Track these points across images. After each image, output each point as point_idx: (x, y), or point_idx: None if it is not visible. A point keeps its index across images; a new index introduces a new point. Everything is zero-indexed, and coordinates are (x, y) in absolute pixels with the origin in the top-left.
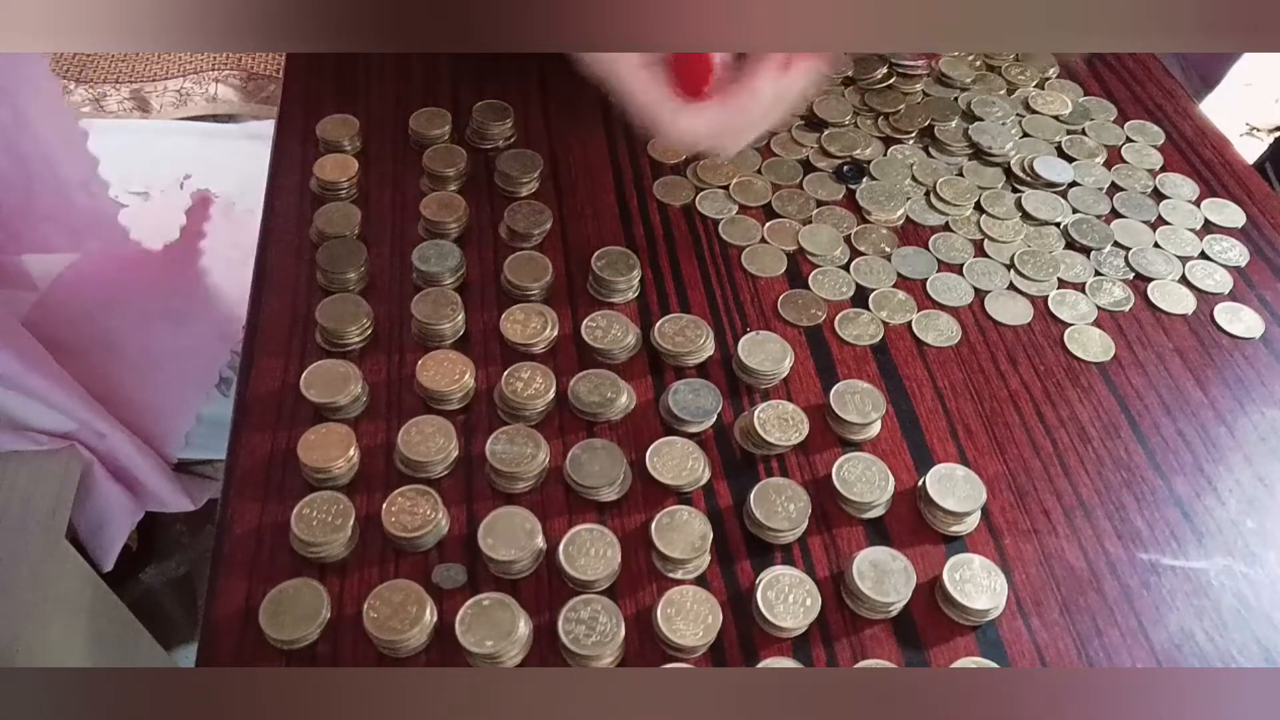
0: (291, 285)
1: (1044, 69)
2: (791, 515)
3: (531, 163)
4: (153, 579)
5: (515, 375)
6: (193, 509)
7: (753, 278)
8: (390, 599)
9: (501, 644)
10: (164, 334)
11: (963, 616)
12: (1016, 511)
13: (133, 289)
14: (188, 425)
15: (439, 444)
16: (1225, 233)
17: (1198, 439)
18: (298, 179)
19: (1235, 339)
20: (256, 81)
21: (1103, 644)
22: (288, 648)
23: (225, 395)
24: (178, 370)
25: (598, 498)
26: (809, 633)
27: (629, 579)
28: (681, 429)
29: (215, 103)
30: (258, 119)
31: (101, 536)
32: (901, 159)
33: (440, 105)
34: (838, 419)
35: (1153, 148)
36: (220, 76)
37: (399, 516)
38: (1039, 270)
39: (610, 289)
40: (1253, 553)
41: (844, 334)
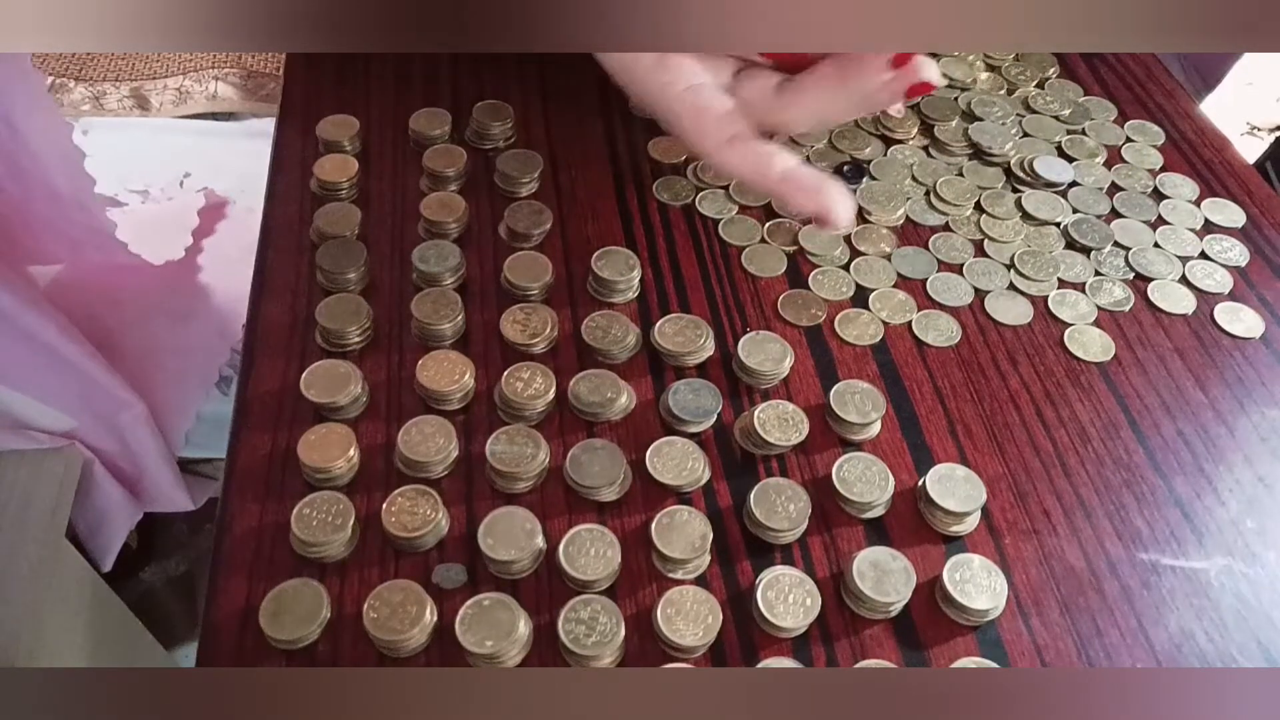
0: (291, 285)
1: (1044, 69)
2: (791, 515)
3: (531, 163)
4: (153, 578)
5: (515, 375)
6: (193, 509)
7: (753, 278)
8: (390, 599)
9: (501, 644)
10: (164, 332)
11: (963, 616)
12: (1016, 511)
13: (133, 288)
14: (187, 424)
15: (439, 444)
16: (1225, 233)
17: (1198, 439)
18: (298, 179)
19: (1235, 339)
20: (256, 79)
21: (1103, 644)
22: (288, 648)
23: (225, 395)
24: (178, 369)
25: (598, 498)
26: (809, 633)
27: (629, 579)
28: (681, 429)
29: (215, 101)
30: (257, 117)
31: (101, 536)
32: (901, 159)
33: (440, 105)
34: (838, 419)
35: (1153, 148)
36: (220, 75)
37: (399, 516)
38: (1039, 270)
39: (610, 289)
40: (1253, 553)
41: (844, 334)
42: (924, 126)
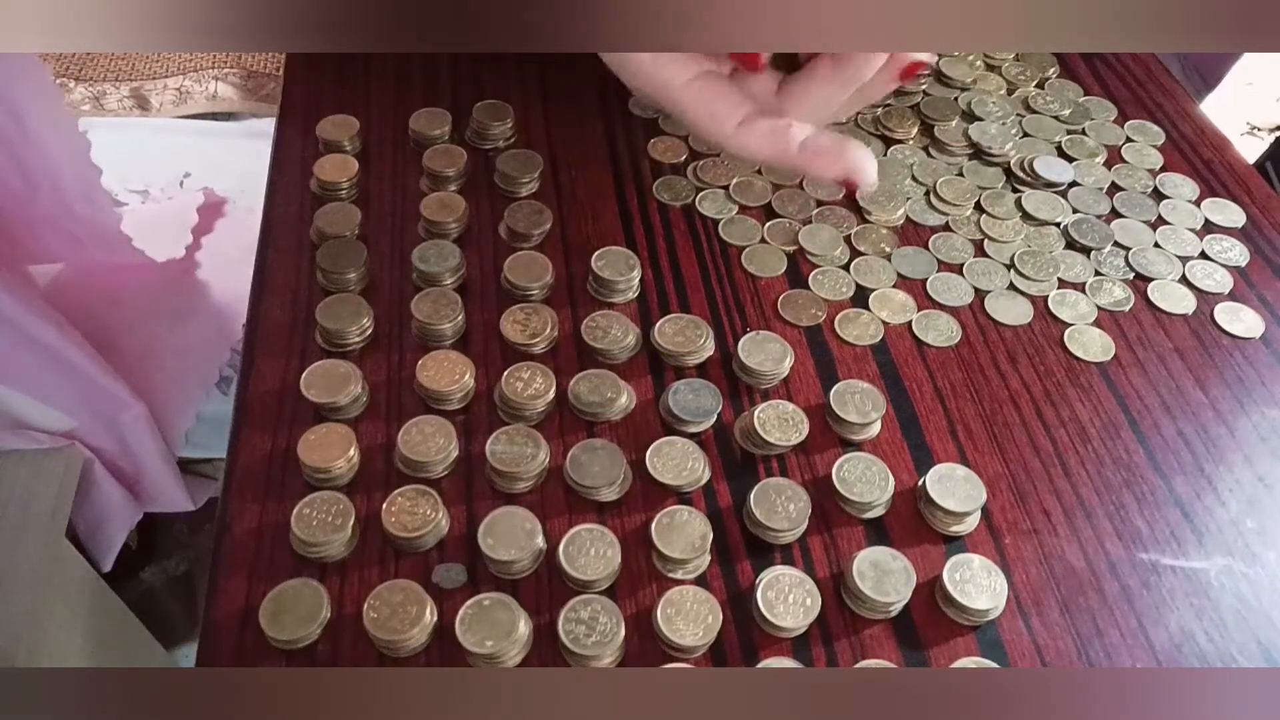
0: (291, 285)
1: (1044, 69)
2: (791, 515)
3: (531, 163)
4: (153, 578)
5: (515, 375)
6: (193, 509)
7: (753, 278)
8: (390, 599)
9: (501, 644)
10: (164, 332)
11: (963, 616)
12: (1016, 511)
13: (133, 288)
14: (188, 424)
15: (439, 444)
16: (1225, 233)
17: (1198, 439)
18: (298, 179)
19: (1235, 339)
20: (256, 79)
21: (1103, 644)
22: (288, 648)
23: (225, 394)
24: (178, 369)
25: (598, 498)
26: (809, 633)
27: (629, 579)
28: (681, 429)
29: (215, 100)
30: (257, 117)
31: (101, 536)
32: (901, 159)
33: (440, 105)
34: (838, 419)
35: (1153, 148)
36: (220, 75)
37: (399, 516)
38: (1039, 270)
39: (610, 289)
40: (1253, 553)
41: (844, 334)
42: (924, 126)
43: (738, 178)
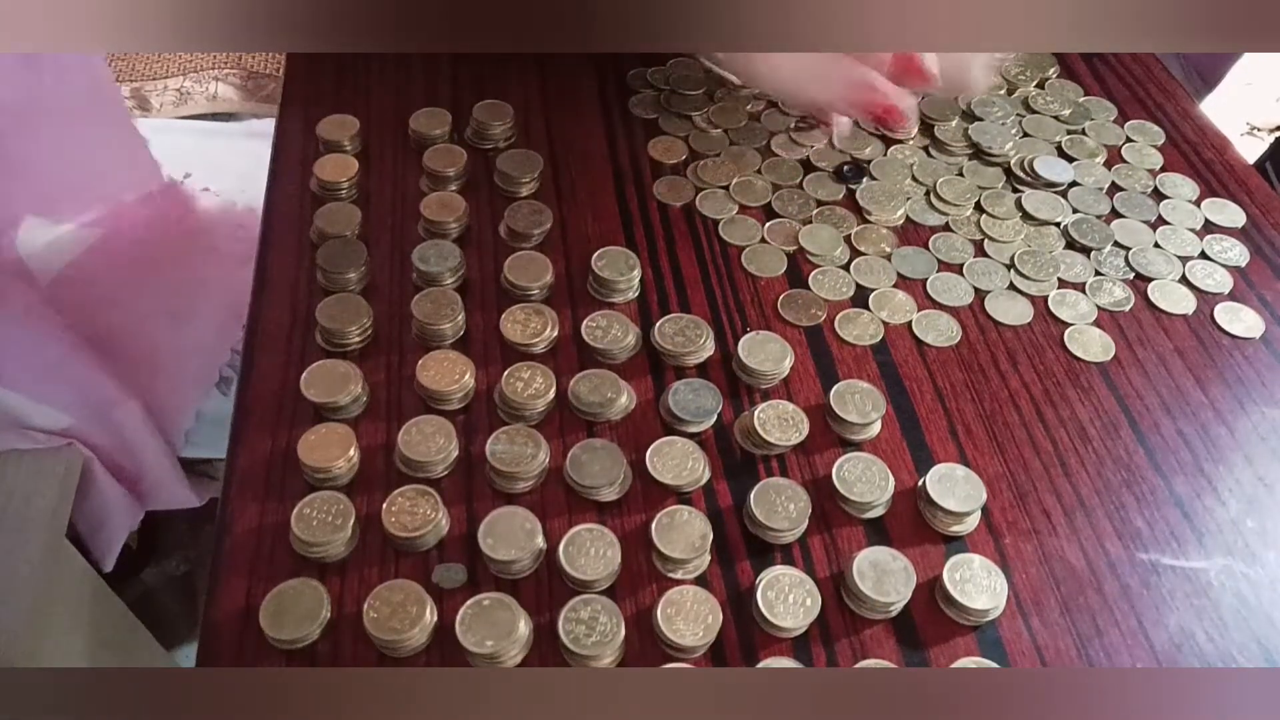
0: (291, 285)
1: (1044, 69)
2: (791, 515)
3: (531, 163)
4: (153, 578)
5: (515, 375)
6: (198, 504)
7: (753, 278)
8: (390, 599)
9: (501, 644)
10: (164, 333)
11: (963, 616)
12: (1016, 511)
13: (133, 287)
14: (188, 424)
15: (439, 444)
16: (1225, 233)
17: (1198, 439)
18: (298, 179)
19: (1235, 339)
20: (256, 80)
21: (1103, 644)
22: (288, 648)
23: (225, 394)
24: (177, 369)
25: (598, 498)
26: (809, 633)
27: (629, 579)
28: (681, 429)
29: (215, 101)
30: (257, 117)
31: (102, 536)
32: (901, 159)
33: (440, 105)
34: (838, 419)
35: (1153, 148)
36: (220, 75)
37: (399, 516)
38: (1039, 270)
39: (610, 289)
40: (1253, 553)
41: (844, 334)
42: (924, 126)
43: (738, 178)
